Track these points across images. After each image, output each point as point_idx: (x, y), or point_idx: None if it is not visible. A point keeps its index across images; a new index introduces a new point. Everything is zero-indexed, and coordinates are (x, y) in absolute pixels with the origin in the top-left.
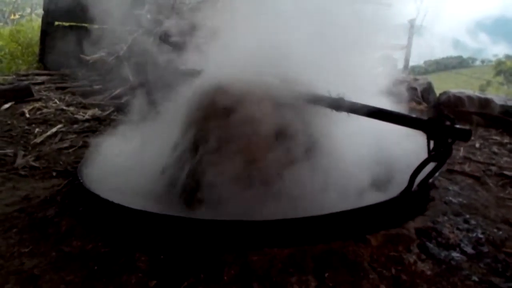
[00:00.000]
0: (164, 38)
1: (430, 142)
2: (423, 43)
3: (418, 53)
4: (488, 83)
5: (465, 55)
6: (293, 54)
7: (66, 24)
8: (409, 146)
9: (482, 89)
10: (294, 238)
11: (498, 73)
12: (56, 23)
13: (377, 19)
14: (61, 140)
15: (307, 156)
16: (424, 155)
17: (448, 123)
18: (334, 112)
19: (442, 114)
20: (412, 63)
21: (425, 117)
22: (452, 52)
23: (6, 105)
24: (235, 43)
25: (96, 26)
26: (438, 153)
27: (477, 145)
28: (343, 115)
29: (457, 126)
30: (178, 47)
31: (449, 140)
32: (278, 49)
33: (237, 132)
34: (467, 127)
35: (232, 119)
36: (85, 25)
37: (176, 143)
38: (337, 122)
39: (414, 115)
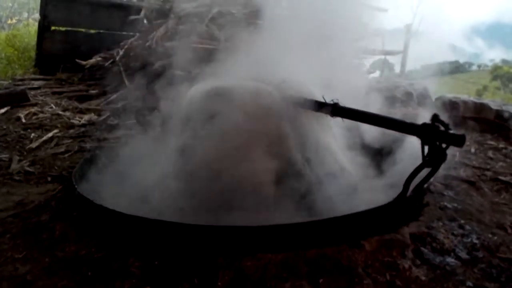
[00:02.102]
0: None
1: (425, 147)
2: (419, 48)
3: (415, 57)
4: (485, 87)
5: (461, 59)
6: (287, 59)
7: (63, 29)
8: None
9: (479, 93)
10: (288, 243)
11: (494, 78)
12: (53, 27)
13: (373, 24)
14: (56, 145)
15: (304, 162)
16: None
17: (442, 128)
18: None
19: (436, 120)
20: (409, 67)
21: (419, 122)
22: (449, 57)
23: (2, 110)
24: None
25: (92, 31)
26: (433, 159)
27: (473, 150)
28: (338, 120)
29: (451, 131)
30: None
31: (444, 145)
32: (271, 55)
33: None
34: (461, 132)
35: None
36: (82, 30)
37: (173, 148)
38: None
39: (408, 121)
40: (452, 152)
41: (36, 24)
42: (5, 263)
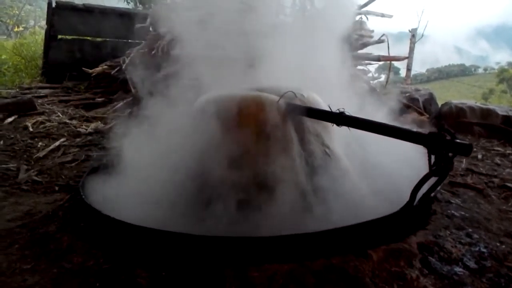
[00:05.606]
0: None
1: (431, 156)
2: (425, 52)
3: (420, 61)
4: (491, 91)
5: (467, 62)
6: (292, 69)
7: (69, 37)
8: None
9: (485, 97)
10: (295, 253)
11: (500, 81)
12: (60, 36)
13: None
14: (63, 154)
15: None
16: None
17: (448, 137)
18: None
19: (442, 128)
20: (414, 71)
21: (425, 131)
22: (455, 60)
23: (10, 119)
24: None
25: (98, 40)
26: (439, 168)
27: (480, 156)
28: (344, 129)
29: (458, 140)
30: None
31: (450, 154)
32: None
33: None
34: (467, 141)
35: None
36: (88, 38)
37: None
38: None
39: (415, 130)
40: (459, 158)
41: (43, 31)
42: (13, 274)
